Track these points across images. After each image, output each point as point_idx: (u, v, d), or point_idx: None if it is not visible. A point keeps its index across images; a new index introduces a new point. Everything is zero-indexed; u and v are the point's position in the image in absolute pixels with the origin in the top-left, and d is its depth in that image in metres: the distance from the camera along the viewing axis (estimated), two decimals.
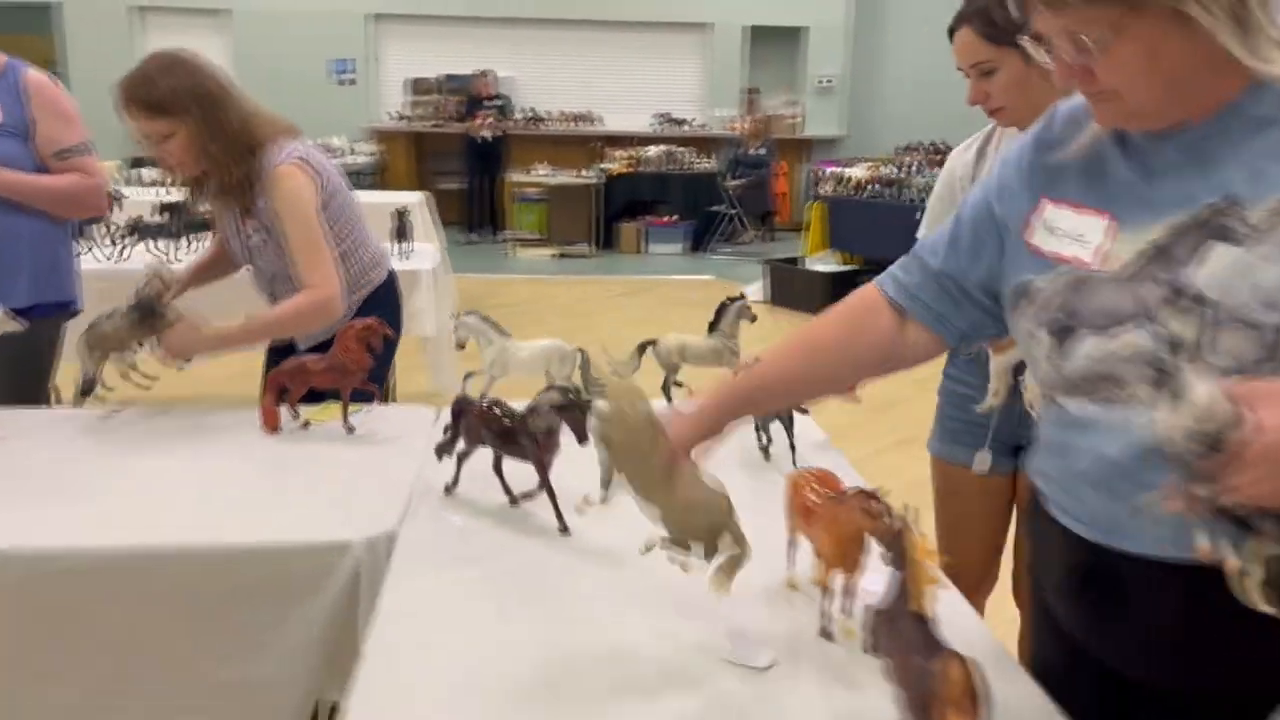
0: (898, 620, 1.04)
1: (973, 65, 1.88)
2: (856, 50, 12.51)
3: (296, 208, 2.26)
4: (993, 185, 1.23)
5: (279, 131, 2.31)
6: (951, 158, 2.13)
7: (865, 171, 7.90)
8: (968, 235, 1.24)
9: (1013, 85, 1.86)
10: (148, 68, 2.20)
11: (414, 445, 2.06)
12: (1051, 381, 1.12)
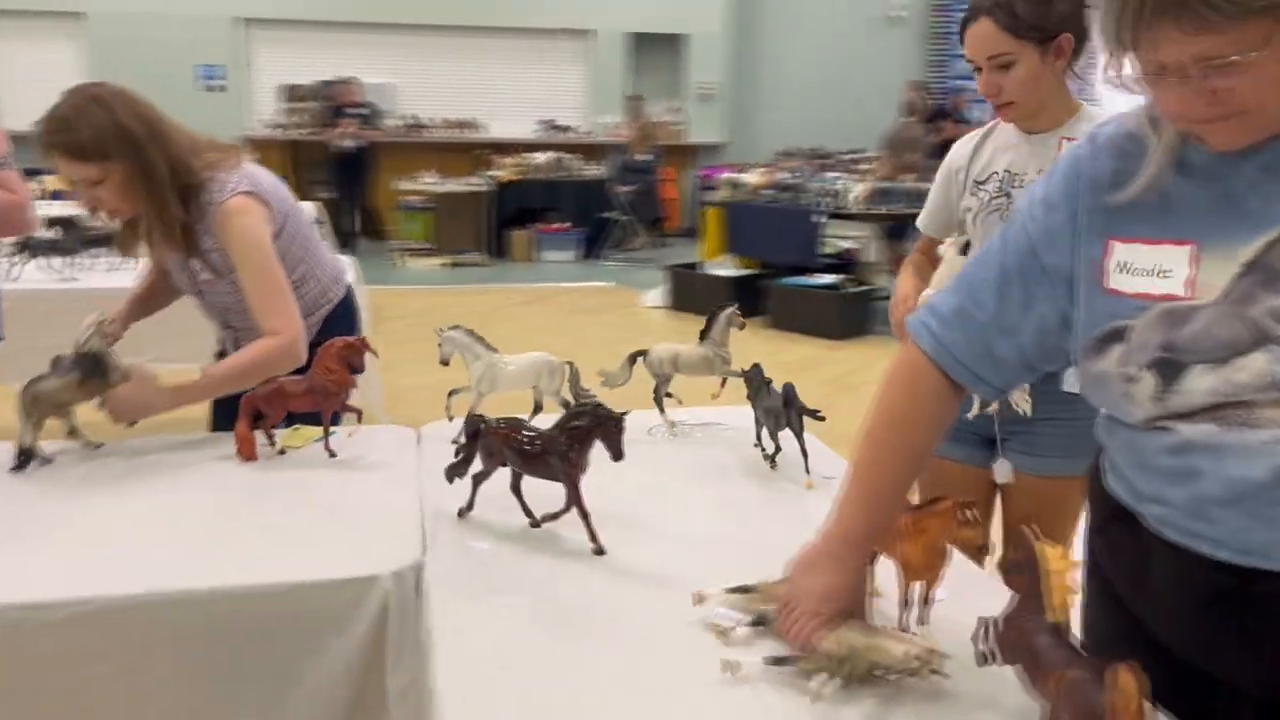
0: (1033, 633, 1.02)
1: (991, 58, 1.88)
2: (737, 58, 12.70)
3: (250, 248, 2.11)
4: (1038, 233, 1.20)
5: (219, 159, 2.15)
6: (953, 149, 2.16)
7: (760, 177, 8.00)
8: (1018, 289, 1.21)
9: (1028, 80, 1.87)
10: (64, 109, 1.98)
11: (405, 468, 1.96)
12: (1155, 414, 1.09)
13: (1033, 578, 1.05)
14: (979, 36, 1.88)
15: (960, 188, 2.08)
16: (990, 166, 2.03)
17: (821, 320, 7.06)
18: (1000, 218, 1.98)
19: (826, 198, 7.40)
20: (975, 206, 2.03)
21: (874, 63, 13.01)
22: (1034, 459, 2.02)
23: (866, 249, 8.90)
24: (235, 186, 2.12)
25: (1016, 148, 2.00)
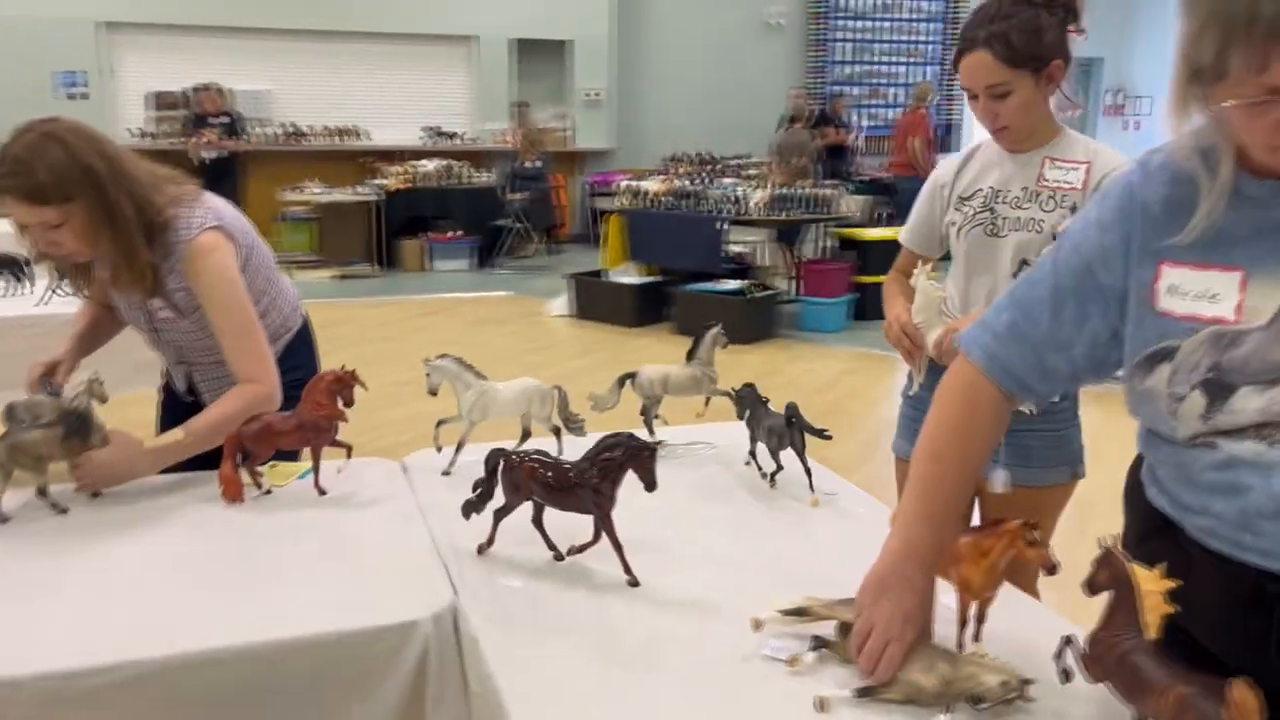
0: (1131, 651, 1.06)
1: (988, 87, 1.94)
2: (621, 64, 12.75)
3: (222, 288, 2.02)
4: (1092, 252, 1.24)
5: (180, 193, 2.04)
6: (939, 167, 2.22)
7: (660, 184, 8.05)
8: (1072, 306, 1.26)
9: (1024, 107, 1.95)
10: (17, 148, 1.84)
11: (403, 503, 1.91)
12: (1200, 431, 1.14)
13: (1121, 596, 1.10)
14: (976, 67, 1.94)
15: (944, 203, 2.15)
16: (975, 184, 2.10)
17: (728, 325, 7.06)
18: (984, 233, 2.05)
19: (728, 204, 7.50)
20: (959, 221, 2.10)
21: (754, 69, 13.27)
22: (1019, 469, 2.07)
23: (760, 254, 9.07)
24: (202, 222, 2.02)
25: (1001, 166, 2.08)
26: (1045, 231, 2.00)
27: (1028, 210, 2.02)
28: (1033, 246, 2.01)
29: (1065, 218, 1.98)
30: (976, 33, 1.93)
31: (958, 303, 2.14)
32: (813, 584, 1.55)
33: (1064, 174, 2.01)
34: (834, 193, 7.73)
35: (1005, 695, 1.19)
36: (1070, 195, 2.00)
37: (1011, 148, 2.05)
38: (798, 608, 1.39)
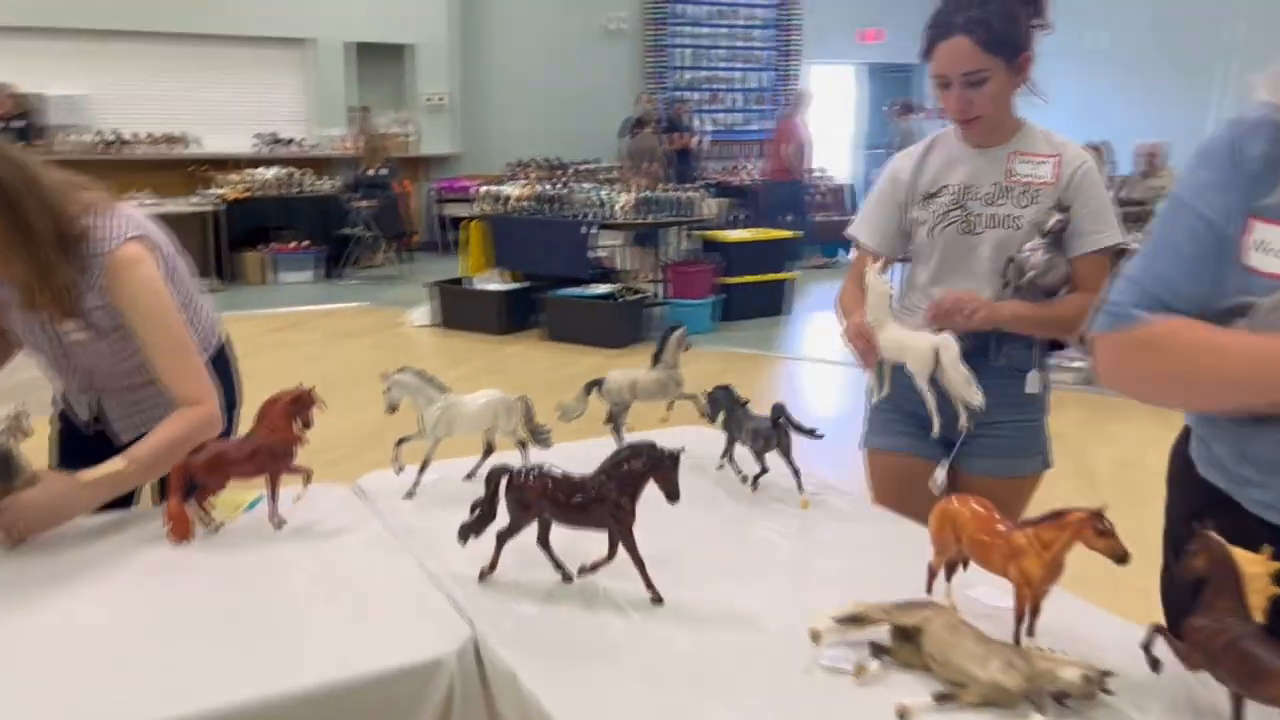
0: (1239, 637, 1.06)
1: (966, 74, 1.91)
2: (464, 68, 12.51)
3: (152, 304, 1.84)
4: (1217, 215, 1.22)
5: (93, 201, 1.85)
6: (895, 162, 2.17)
7: (522, 189, 7.92)
8: (1210, 270, 1.23)
9: (997, 96, 1.94)
10: None
11: (375, 531, 1.77)
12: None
13: (1220, 581, 1.09)
14: (955, 53, 1.90)
15: (905, 200, 2.11)
16: (940, 180, 2.07)
17: (601, 329, 7.10)
18: (959, 231, 2.03)
19: (593, 208, 7.44)
20: (929, 219, 2.07)
21: (597, 74, 13.26)
22: (993, 461, 2.09)
23: (619, 257, 9.06)
24: (123, 232, 1.83)
25: (969, 162, 2.05)
26: (1024, 228, 2.00)
27: (1002, 207, 2.01)
28: (1013, 243, 2.00)
29: (1041, 213, 1.99)
30: (953, 18, 1.90)
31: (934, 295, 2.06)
32: (839, 588, 1.51)
33: (1033, 168, 2.01)
34: (696, 196, 7.79)
35: (1088, 690, 1.18)
36: (1043, 190, 2.00)
37: (979, 141, 2.03)
38: (853, 614, 1.34)
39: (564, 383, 6.10)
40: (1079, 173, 2.02)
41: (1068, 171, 2.01)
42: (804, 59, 14.61)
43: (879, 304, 1.94)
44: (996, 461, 2.09)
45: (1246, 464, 1.22)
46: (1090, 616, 1.44)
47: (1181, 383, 1.26)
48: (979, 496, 1.40)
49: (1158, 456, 1.53)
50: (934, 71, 1.96)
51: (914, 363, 1.87)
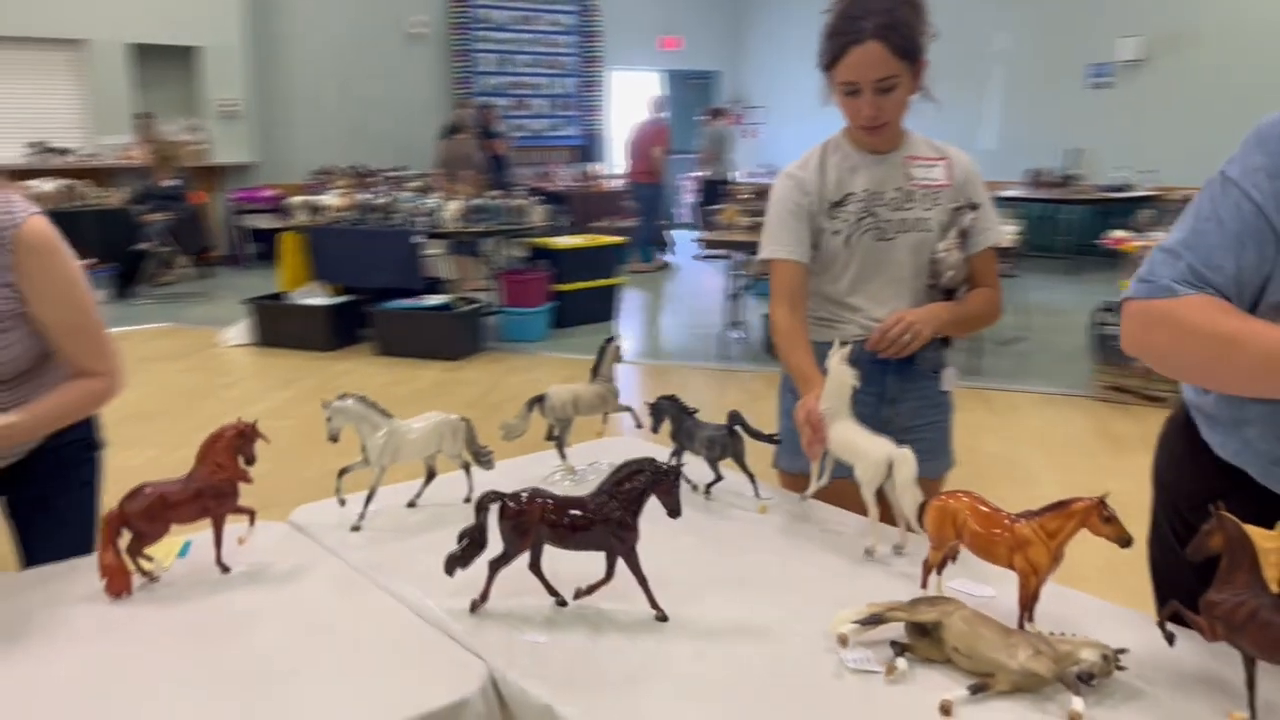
0: (1259, 609, 1.14)
1: (879, 79, 1.91)
2: (258, 72, 11.91)
3: (68, 273, 1.76)
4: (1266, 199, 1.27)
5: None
6: (793, 174, 2.10)
7: (342, 199, 7.61)
8: (1253, 251, 1.28)
9: (902, 101, 1.97)
10: None
11: (334, 569, 1.66)
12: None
13: (1236, 557, 1.18)
14: (869, 59, 1.90)
15: (815, 211, 2.07)
16: (844, 187, 2.06)
17: (436, 342, 6.92)
18: (874, 238, 2.05)
19: (421, 217, 7.24)
20: (844, 229, 2.06)
21: (401, 79, 12.95)
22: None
23: (441, 266, 8.88)
24: (25, 207, 1.74)
25: (869, 168, 2.07)
26: (934, 229, 2.06)
27: (911, 211, 2.07)
28: (926, 245, 2.06)
29: (944, 214, 2.06)
30: (863, 24, 1.89)
31: (857, 304, 2.10)
32: (836, 590, 1.54)
33: (928, 171, 2.08)
34: (526, 203, 7.72)
35: (1108, 668, 1.25)
36: (942, 192, 2.08)
37: (880, 147, 2.07)
38: (873, 615, 1.37)
39: (406, 399, 5.92)
40: (967, 173, 2.11)
41: (959, 173, 2.10)
42: (607, 65, 14.78)
43: (839, 395, 1.79)
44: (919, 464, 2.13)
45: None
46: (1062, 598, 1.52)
47: (1197, 362, 1.31)
48: (970, 492, 1.46)
49: (995, 440, 1.62)
50: (844, 78, 1.94)
51: (864, 471, 1.70)
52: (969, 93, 12.38)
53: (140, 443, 4.78)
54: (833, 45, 1.95)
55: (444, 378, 6.52)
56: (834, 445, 1.78)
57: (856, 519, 1.87)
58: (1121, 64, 11.21)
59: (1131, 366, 5.72)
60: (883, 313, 2.06)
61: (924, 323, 2.00)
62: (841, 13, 1.94)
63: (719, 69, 16.25)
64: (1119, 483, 4.64)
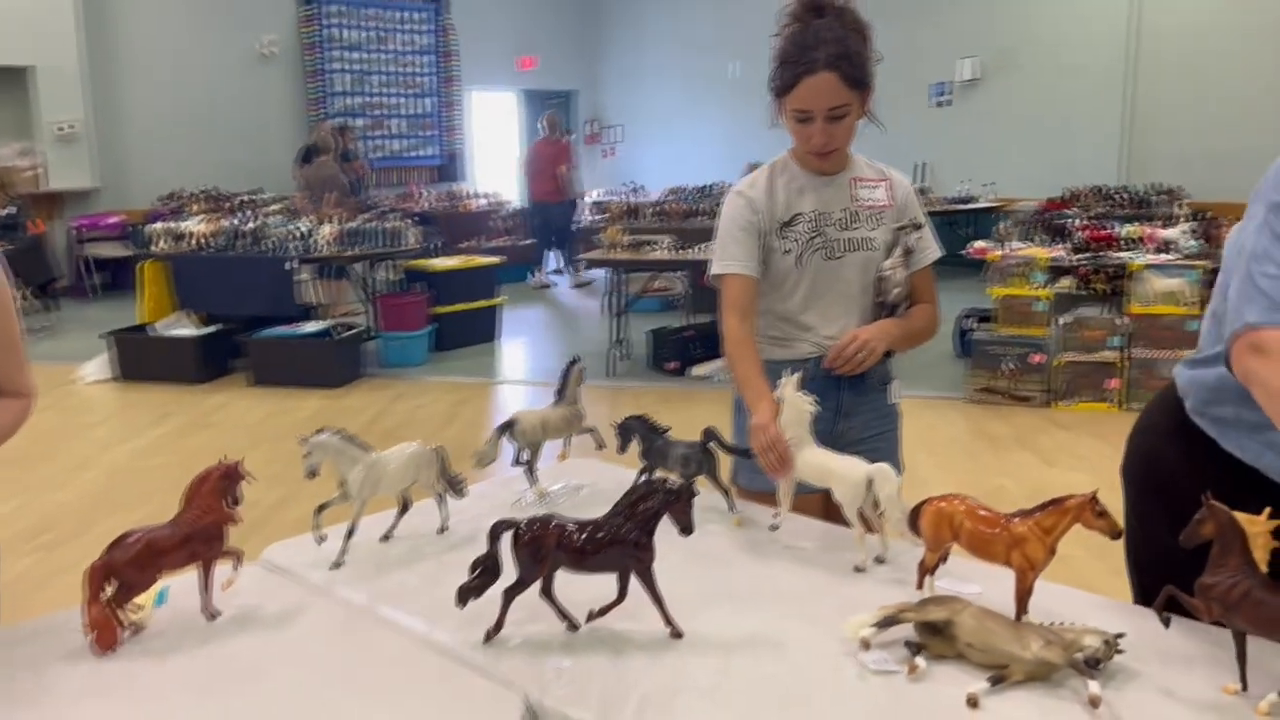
0: (1251, 589, 1.26)
1: (832, 108, 1.98)
2: (98, 94, 11.32)
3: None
4: None
5: None
6: (743, 193, 2.15)
7: (207, 225, 7.32)
8: None
9: (852, 128, 2.04)
10: None
11: (328, 607, 1.62)
12: None
13: (1227, 543, 1.29)
14: (823, 88, 1.96)
15: (765, 229, 2.12)
16: (792, 208, 2.12)
17: (315, 370, 6.73)
18: (824, 257, 2.12)
19: (293, 242, 7.03)
20: (795, 249, 2.12)
21: (253, 101, 12.53)
22: None
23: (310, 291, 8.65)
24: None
25: (817, 189, 2.13)
26: (880, 248, 2.15)
27: (858, 230, 2.14)
28: (873, 264, 2.14)
29: (888, 234, 2.14)
30: (815, 55, 1.94)
31: (808, 322, 2.16)
32: (827, 597, 1.61)
33: (871, 192, 2.17)
34: (402, 225, 7.60)
35: (1110, 653, 1.34)
36: (885, 212, 2.17)
37: (828, 170, 2.13)
38: (887, 617, 1.43)
39: (288, 430, 5.73)
40: (908, 195, 2.22)
41: (900, 193, 2.20)
42: (466, 85, 14.67)
43: (799, 422, 1.82)
44: None
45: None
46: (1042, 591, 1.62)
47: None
48: (961, 495, 1.54)
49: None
50: (796, 106, 2.00)
51: (844, 493, 1.73)
52: None
53: (4, 490, 4.49)
54: (786, 73, 2.01)
55: (326, 406, 6.34)
56: (805, 472, 1.82)
57: (821, 526, 1.94)
58: (960, 83, 11.89)
59: (999, 369, 6.05)
60: (833, 330, 2.14)
61: (877, 340, 2.08)
62: (795, 41, 1.99)
63: (575, 88, 16.35)
64: (1004, 480, 4.92)
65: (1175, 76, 10.36)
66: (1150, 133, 10.56)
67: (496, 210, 12.49)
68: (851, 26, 2.02)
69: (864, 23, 2.03)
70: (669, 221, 9.46)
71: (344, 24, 13.28)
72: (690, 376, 6.97)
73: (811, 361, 2.15)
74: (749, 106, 13.76)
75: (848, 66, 1.96)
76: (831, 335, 2.13)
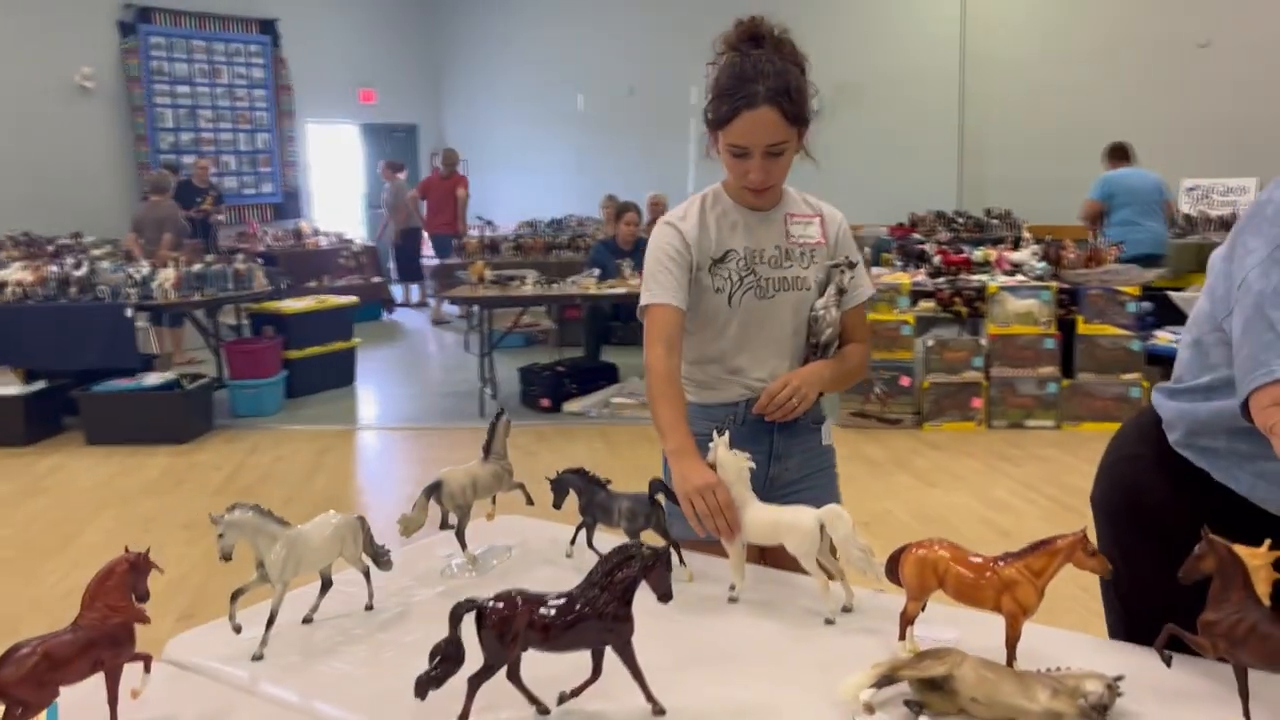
0: (1257, 624, 1.23)
1: (771, 145, 1.90)
2: None
3: None
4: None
5: None
6: (673, 223, 2.05)
7: (30, 273, 6.73)
8: None
9: (788, 165, 1.97)
10: None
11: (260, 710, 1.43)
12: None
13: (1227, 577, 1.27)
14: (762, 124, 1.88)
15: (695, 264, 2.03)
16: (724, 244, 2.03)
17: (160, 425, 6.25)
18: (755, 296, 2.03)
19: (130, 287, 6.55)
20: (726, 286, 2.03)
21: (72, 137, 11.70)
22: None
23: (148, 339, 8.15)
24: None
25: (749, 226, 2.05)
26: (812, 288, 2.07)
27: (790, 269, 2.06)
28: (805, 303, 2.07)
29: (820, 271, 2.08)
30: (754, 89, 1.86)
31: (739, 365, 2.07)
32: (804, 654, 1.53)
33: (804, 229, 2.09)
34: (248, 267, 7.20)
35: (1113, 697, 1.30)
36: (817, 249, 2.09)
37: (763, 205, 2.06)
38: (883, 676, 1.35)
39: (137, 492, 5.30)
40: (841, 231, 2.15)
41: (833, 230, 2.12)
42: (303, 118, 14.17)
43: (740, 481, 1.75)
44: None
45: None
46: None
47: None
48: (943, 540, 1.48)
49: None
50: (733, 140, 1.92)
51: (799, 544, 1.67)
52: (678, 142, 13.03)
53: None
54: (723, 106, 1.92)
55: (177, 463, 5.90)
56: (755, 531, 1.73)
57: (765, 572, 1.88)
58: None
59: (870, 393, 6.17)
60: (764, 373, 2.06)
61: (809, 385, 2.02)
62: (732, 73, 1.91)
63: (417, 122, 16.04)
64: (889, 503, 4.98)
65: (1000, 108, 10.93)
66: (981, 160, 11.11)
67: (343, 248, 12.05)
68: (791, 59, 1.95)
69: (802, 55, 1.97)
70: (528, 256, 9.32)
71: (171, 56, 12.62)
72: (565, 413, 6.83)
73: (741, 405, 2.07)
74: (597, 139, 13.88)
75: (788, 103, 1.88)
76: (762, 378, 2.05)
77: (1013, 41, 10.87)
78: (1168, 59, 9.90)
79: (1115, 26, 10.22)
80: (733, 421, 2.04)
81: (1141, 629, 1.50)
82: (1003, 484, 5.09)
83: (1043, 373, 6.09)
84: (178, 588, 3.82)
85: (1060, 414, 6.14)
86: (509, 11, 14.91)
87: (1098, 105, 10.22)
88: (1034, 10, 10.76)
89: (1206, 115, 9.49)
